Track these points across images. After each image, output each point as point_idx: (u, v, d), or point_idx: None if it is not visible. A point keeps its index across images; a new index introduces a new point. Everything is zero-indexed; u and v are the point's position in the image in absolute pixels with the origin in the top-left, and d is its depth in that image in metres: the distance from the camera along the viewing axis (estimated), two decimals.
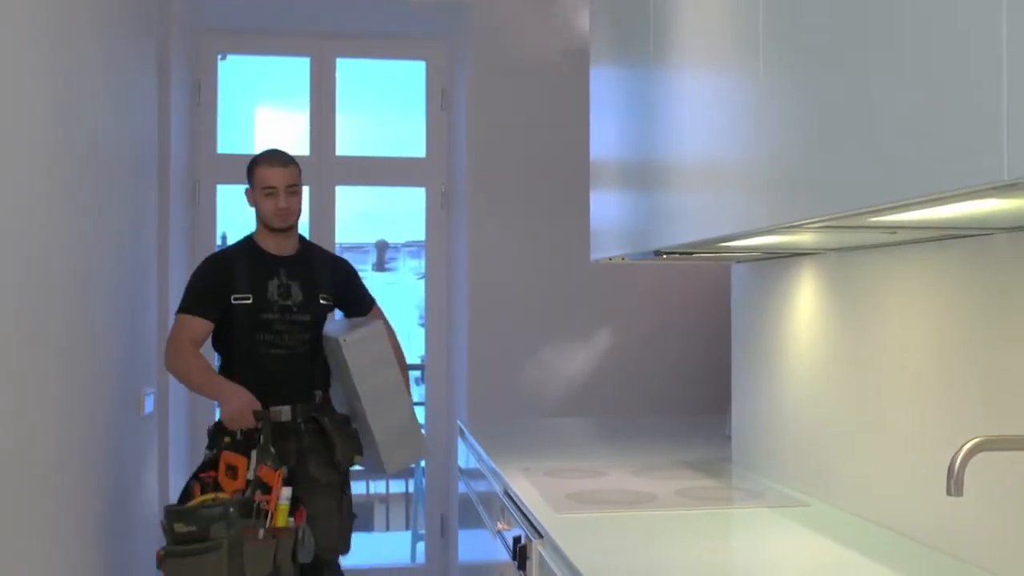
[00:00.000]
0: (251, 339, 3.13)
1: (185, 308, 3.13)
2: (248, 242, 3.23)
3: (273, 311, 3.14)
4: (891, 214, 1.34)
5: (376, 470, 3.21)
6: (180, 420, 4.03)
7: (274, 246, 3.21)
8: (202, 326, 3.11)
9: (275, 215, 3.15)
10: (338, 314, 3.43)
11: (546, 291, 4.08)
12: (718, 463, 2.69)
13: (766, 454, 2.49)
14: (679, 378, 4.09)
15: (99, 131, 3.06)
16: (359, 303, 3.40)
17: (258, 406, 3.05)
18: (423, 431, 2.96)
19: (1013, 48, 0.96)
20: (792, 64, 1.50)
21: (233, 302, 3.11)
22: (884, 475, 1.95)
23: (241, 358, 3.14)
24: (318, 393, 3.23)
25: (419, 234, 4.46)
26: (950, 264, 1.75)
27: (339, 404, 3.27)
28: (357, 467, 3.28)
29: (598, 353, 4.10)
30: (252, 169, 3.18)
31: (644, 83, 2.30)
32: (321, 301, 3.24)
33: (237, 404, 3.03)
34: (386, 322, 3.37)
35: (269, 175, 3.14)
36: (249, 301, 3.12)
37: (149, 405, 3.62)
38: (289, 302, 3.16)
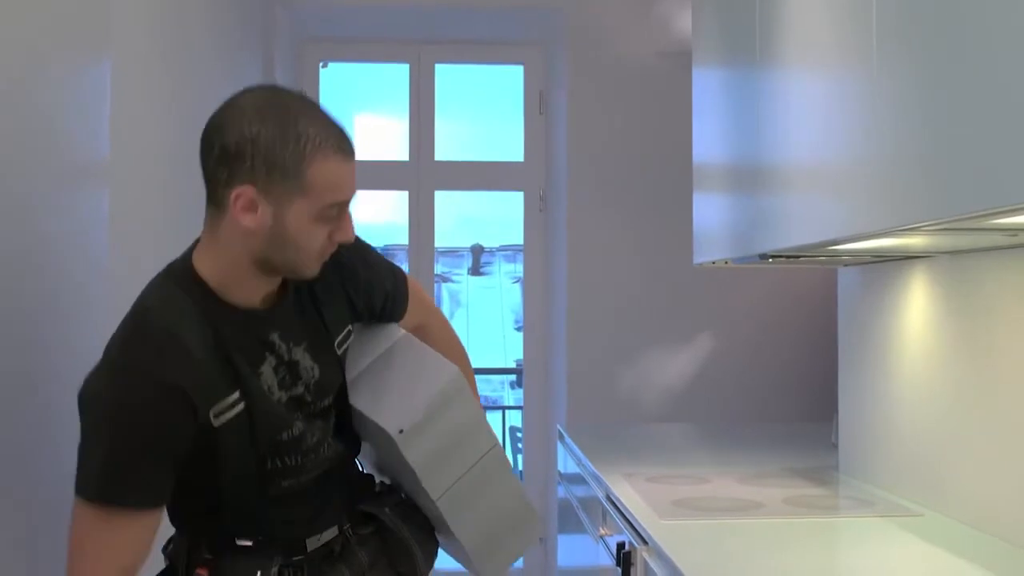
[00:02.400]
0: (253, 481, 1.63)
1: (101, 493, 1.50)
2: (200, 297, 1.58)
3: (283, 421, 1.64)
4: (1013, 216, 1.29)
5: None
6: None
7: (255, 297, 1.63)
8: (143, 528, 1.54)
9: (324, 255, 1.62)
10: None
11: (646, 295, 4.05)
12: (825, 471, 2.64)
13: (875, 462, 2.43)
14: (783, 385, 4.02)
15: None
16: (394, 308, 1.88)
17: None
18: (532, 505, 1.99)
19: None
20: (908, 59, 1.46)
21: (214, 423, 1.55)
22: (1003, 484, 1.89)
23: (238, 513, 1.66)
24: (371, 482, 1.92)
25: (514, 238, 4.47)
26: None
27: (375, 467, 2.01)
28: None
29: (699, 358, 4.05)
30: (296, 155, 1.50)
31: (750, 83, 2.27)
32: (339, 351, 1.77)
33: None
34: (444, 325, 2.06)
35: (344, 174, 1.55)
36: (240, 410, 1.57)
37: None
38: (300, 390, 1.68)
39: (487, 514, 1.88)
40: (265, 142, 1.49)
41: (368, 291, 1.81)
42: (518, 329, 4.55)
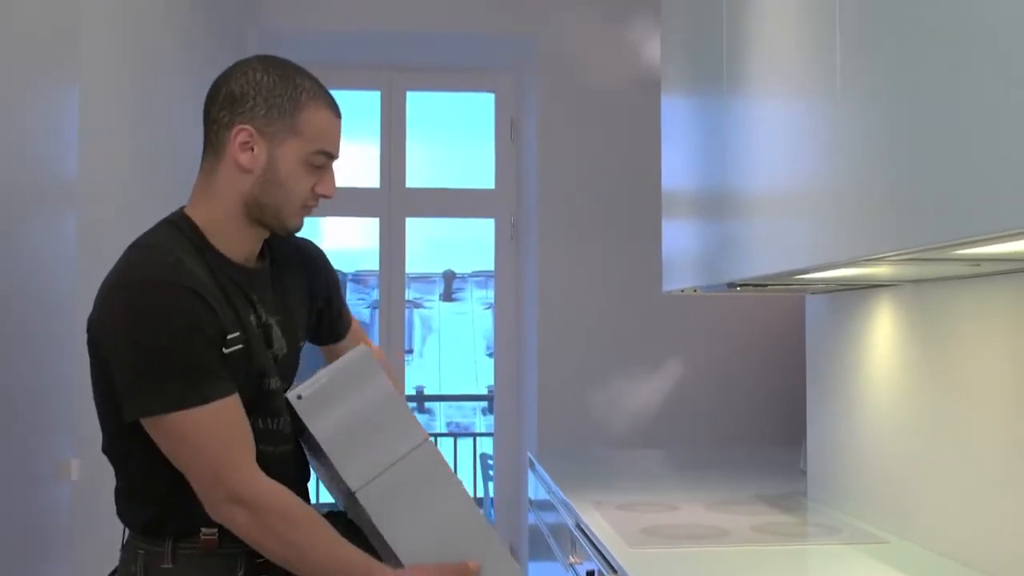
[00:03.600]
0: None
1: (188, 399, 1.54)
2: (196, 240, 1.66)
3: (270, 372, 1.71)
4: (979, 247, 1.31)
5: None
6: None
7: (241, 250, 1.71)
8: (237, 406, 1.60)
9: (308, 206, 1.73)
10: None
11: (616, 321, 4.06)
12: (793, 497, 2.65)
13: (843, 489, 2.44)
14: (752, 411, 4.04)
15: (179, 160, 3.12)
16: (339, 320, 1.96)
17: None
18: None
19: None
20: (872, 90, 1.47)
21: (225, 351, 1.60)
22: (968, 512, 1.90)
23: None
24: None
25: (486, 264, 4.47)
26: None
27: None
28: None
29: (669, 384, 4.06)
30: (293, 100, 1.67)
31: (717, 111, 2.29)
32: (300, 343, 1.84)
33: None
34: (376, 352, 1.96)
35: (333, 127, 1.73)
36: (240, 348, 1.63)
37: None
38: (278, 352, 1.75)
39: (429, 527, 1.71)
40: (267, 86, 1.66)
41: (327, 287, 1.89)
42: (490, 355, 4.54)
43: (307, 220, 1.77)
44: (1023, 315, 1.74)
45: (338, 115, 1.74)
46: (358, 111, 4.63)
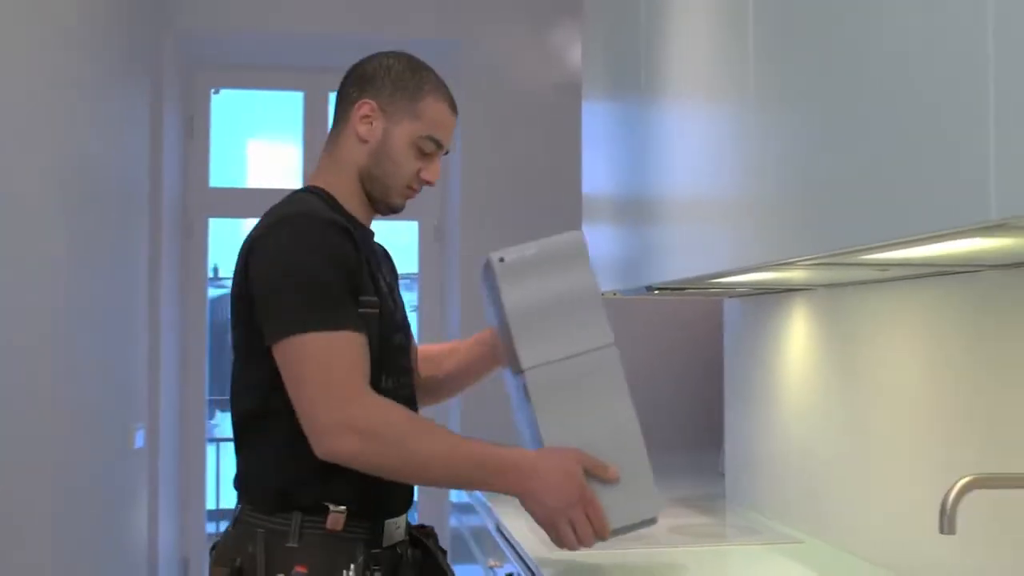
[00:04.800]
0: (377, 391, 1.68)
1: (325, 321, 1.61)
2: (331, 204, 1.78)
3: (399, 326, 1.82)
4: (881, 252, 1.34)
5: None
6: (170, 456, 4.00)
7: (364, 217, 1.86)
8: (361, 342, 1.65)
9: (412, 188, 1.84)
10: None
11: None
12: (712, 499, 2.68)
13: (760, 490, 2.48)
14: (671, 414, 4.07)
15: (91, 161, 3.06)
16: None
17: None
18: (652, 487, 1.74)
19: (1000, 89, 0.97)
20: (781, 100, 1.50)
21: (361, 310, 1.68)
22: (877, 512, 1.94)
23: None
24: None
25: (412, 266, 4.46)
26: (940, 300, 1.75)
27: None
28: None
29: None
30: (417, 87, 1.82)
31: (635, 116, 2.31)
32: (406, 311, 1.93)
33: (566, 495, 1.66)
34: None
35: (448, 121, 1.85)
36: (377, 311, 1.71)
37: (139, 440, 3.60)
38: (400, 313, 1.86)
39: (586, 431, 1.65)
40: (396, 71, 1.83)
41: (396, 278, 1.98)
42: None
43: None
44: (930, 318, 1.79)
45: (455, 112, 1.87)
46: (280, 111, 4.59)
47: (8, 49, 2.35)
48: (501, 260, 1.69)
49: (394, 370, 1.76)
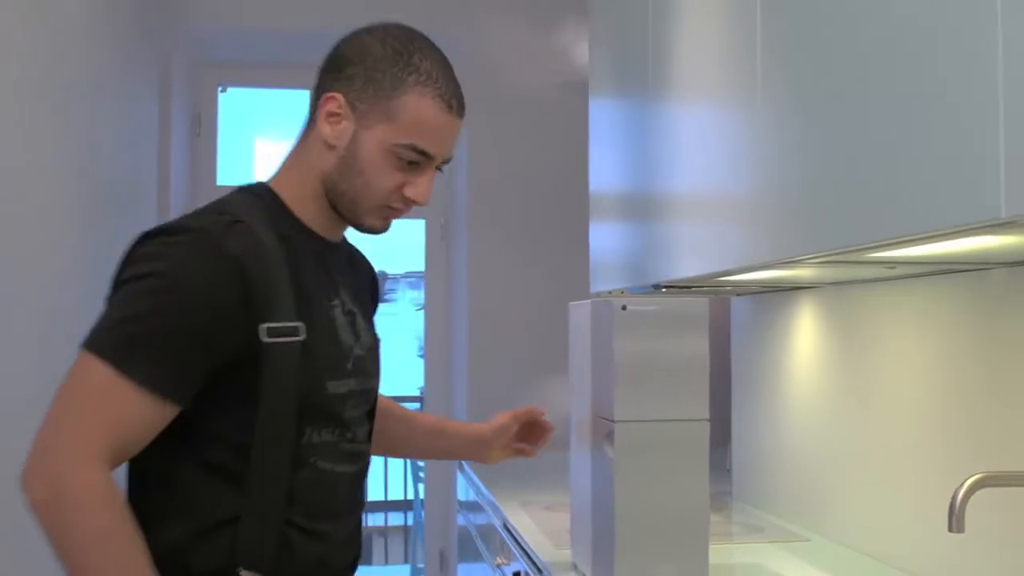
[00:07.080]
0: (295, 444, 1.39)
1: (115, 355, 1.31)
2: (275, 208, 1.47)
3: (347, 371, 1.48)
4: (889, 250, 1.34)
5: None
6: None
7: (322, 227, 1.51)
8: (141, 416, 1.32)
9: (392, 207, 1.49)
10: None
11: (546, 323, 4.06)
12: (719, 497, 2.68)
13: (767, 488, 2.48)
14: None
15: (98, 159, 3.06)
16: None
17: None
18: None
19: (1010, 88, 0.97)
20: (790, 98, 1.50)
21: (263, 338, 1.36)
22: (885, 510, 1.94)
23: (261, 495, 1.37)
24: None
25: (418, 265, 4.45)
26: (948, 298, 1.75)
27: None
28: None
29: None
30: (396, 79, 1.44)
31: (643, 114, 2.30)
32: (378, 343, 1.63)
33: None
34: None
35: (438, 123, 1.46)
36: (299, 341, 1.38)
37: None
38: (360, 349, 1.52)
39: (656, 495, 1.68)
40: (373, 57, 1.45)
41: (376, 303, 1.69)
42: (421, 356, 4.53)
43: None
44: (938, 316, 1.78)
45: (454, 112, 1.47)
46: (288, 110, 4.59)
47: (15, 47, 2.35)
48: (623, 308, 1.68)
49: (329, 421, 1.43)
